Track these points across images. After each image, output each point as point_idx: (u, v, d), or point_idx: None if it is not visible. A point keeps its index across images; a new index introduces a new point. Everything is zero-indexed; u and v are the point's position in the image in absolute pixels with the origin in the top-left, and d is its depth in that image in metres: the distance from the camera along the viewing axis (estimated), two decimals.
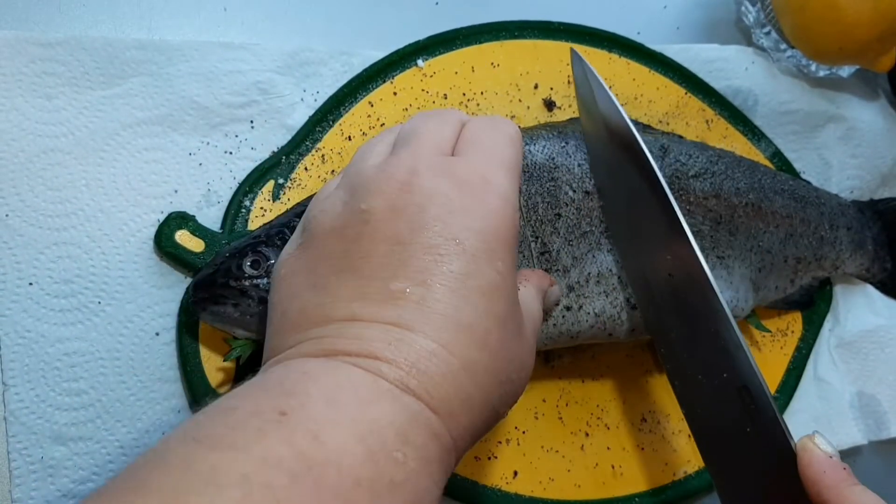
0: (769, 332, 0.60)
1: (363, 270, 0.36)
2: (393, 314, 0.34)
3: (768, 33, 0.67)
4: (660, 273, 0.47)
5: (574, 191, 0.50)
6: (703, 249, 0.52)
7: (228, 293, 0.44)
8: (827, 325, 0.64)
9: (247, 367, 0.47)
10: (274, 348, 0.37)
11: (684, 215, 0.52)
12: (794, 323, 0.63)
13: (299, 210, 0.47)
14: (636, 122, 0.55)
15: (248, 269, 0.44)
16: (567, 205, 0.49)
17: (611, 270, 0.49)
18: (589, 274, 0.49)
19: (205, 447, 0.29)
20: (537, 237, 0.48)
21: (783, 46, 0.66)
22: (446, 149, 0.40)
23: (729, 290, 0.53)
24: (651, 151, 0.52)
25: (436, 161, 0.39)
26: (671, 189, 0.52)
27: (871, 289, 0.67)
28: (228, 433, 0.29)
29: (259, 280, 0.44)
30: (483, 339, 0.35)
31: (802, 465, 0.39)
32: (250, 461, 0.28)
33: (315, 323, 0.36)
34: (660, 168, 0.52)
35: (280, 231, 0.46)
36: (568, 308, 0.49)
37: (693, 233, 0.52)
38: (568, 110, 0.58)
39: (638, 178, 0.47)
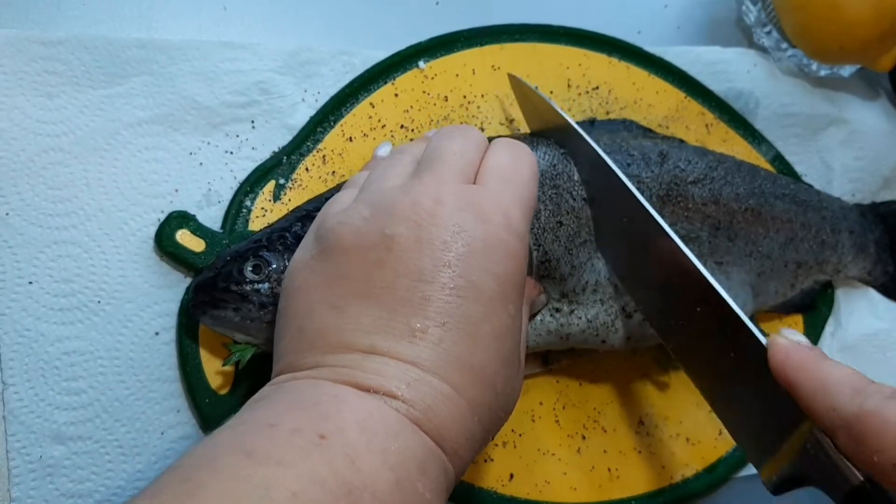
0: (767, 335, 0.60)
1: (385, 301, 0.37)
2: (412, 353, 0.36)
3: (769, 32, 0.67)
4: (649, 271, 0.47)
5: (574, 198, 0.50)
6: (700, 255, 0.52)
7: (229, 298, 0.44)
8: (828, 328, 0.64)
9: (247, 370, 0.47)
10: (291, 363, 0.38)
11: (682, 222, 0.52)
12: (795, 326, 0.63)
13: (300, 214, 0.47)
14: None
15: (249, 274, 0.44)
16: (568, 213, 0.49)
17: (608, 279, 0.49)
18: (586, 282, 0.49)
19: (253, 461, 0.30)
20: (539, 245, 0.48)
21: (784, 46, 0.66)
22: (470, 175, 0.41)
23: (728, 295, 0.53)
24: (650, 157, 0.53)
25: (460, 191, 0.39)
26: (670, 196, 0.52)
27: (872, 292, 0.66)
28: (274, 449, 0.31)
29: (260, 285, 0.44)
30: (491, 382, 0.37)
31: (769, 357, 0.38)
32: (298, 479, 0.30)
33: (334, 348, 0.37)
34: (658, 175, 0.52)
35: (281, 235, 0.46)
36: (558, 310, 0.49)
37: (691, 239, 0.52)
38: (568, 113, 0.58)
39: (604, 180, 0.48)
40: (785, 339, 0.38)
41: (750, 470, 0.58)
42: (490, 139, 0.45)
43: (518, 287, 0.39)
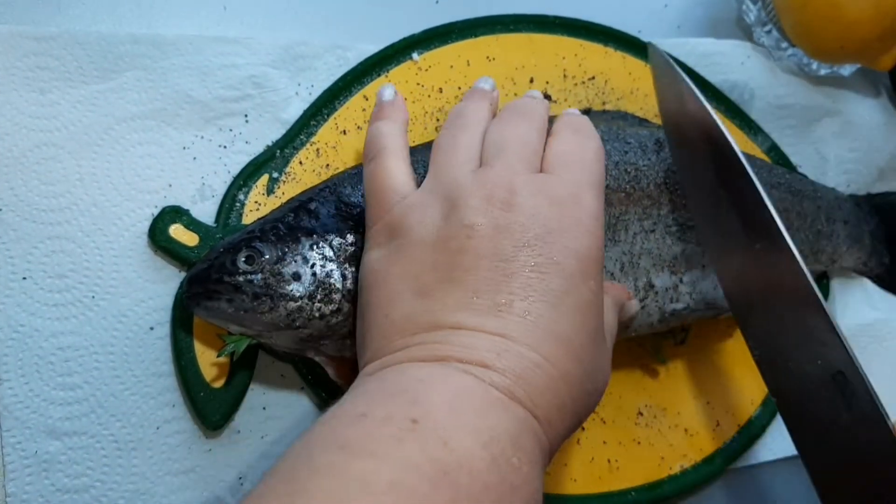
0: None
1: (468, 283, 0.38)
2: (499, 325, 0.37)
3: (769, 32, 0.67)
4: (748, 263, 0.48)
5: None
6: (697, 243, 0.52)
7: (222, 289, 0.44)
8: None
9: (242, 363, 0.47)
10: (379, 349, 0.39)
11: (679, 210, 0.52)
12: None
13: (294, 205, 0.47)
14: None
15: (242, 265, 0.44)
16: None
17: (621, 269, 0.50)
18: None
19: (348, 454, 0.31)
20: None
21: (784, 45, 0.66)
22: (536, 162, 0.42)
23: None
24: (646, 146, 0.53)
25: (531, 180, 0.41)
26: (667, 184, 0.52)
27: (868, 283, 0.67)
28: (367, 441, 0.31)
29: (253, 276, 0.44)
30: (578, 353, 0.38)
31: None
32: (395, 468, 0.30)
33: (423, 328, 0.38)
34: (655, 162, 0.52)
35: (275, 226, 0.45)
36: None
37: (688, 227, 0.52)
38: (563, 104, 0.58)
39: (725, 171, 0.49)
40: None
41: (748, 461, 0.58)
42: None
43: (598, 264, 0.40)
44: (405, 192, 0.43)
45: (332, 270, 0.44)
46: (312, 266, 0.44)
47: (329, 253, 0.45)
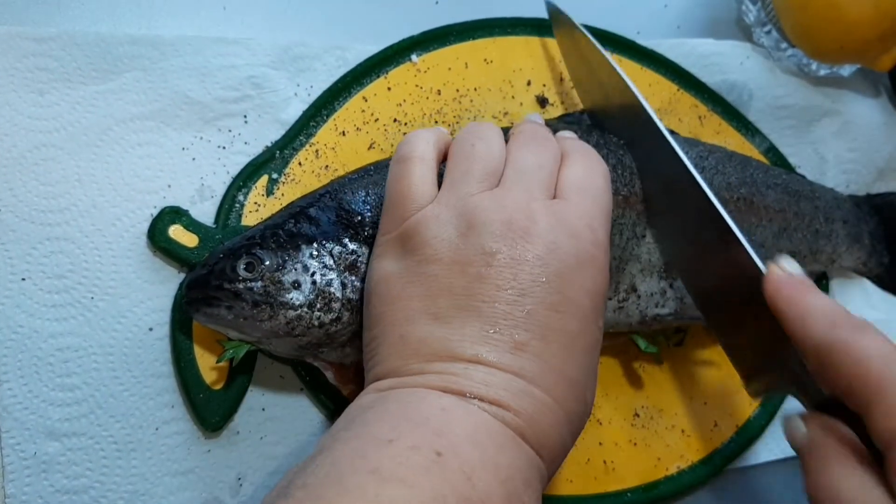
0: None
1: (486, 314, 0.38)
2: (516, 364, 0.37)
3: (769, 32, 0.67)
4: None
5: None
6: None
7: (222, 295, 0.43)
8: None
9: (241, 364, 0.47)
10: (393, 368, 0.39)
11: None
12: None
13: (294, 210, 0.47)
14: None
15: (242, 272, 0.44)
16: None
17: None
18: None
19: (379, 479, 0.32)
20: None
21: (784, 45, 0.66)
22: (551, 187, 0.43)
23: None
24: None
25: (549, 207, 0.41)
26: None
27: (867, 283, 0.67)
28: (396, 468, 0.32)
29: (253, 283, 0.43)
30: (582, 393, 0.40)
31: (763, 285, 0.42)
32: (423, 498, 0.31)
33: (439, 357, 0.38)
34: None
35: (275, 233, 0.45)
36: None
37: None
38: (560, 107, 0.58)
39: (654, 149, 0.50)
40: (780, 271, 0.42)
41: (745, 461, 0.58)
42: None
43: (605, 299, 0.42)
44: (424, 202, 0.42)
45: (332, 279, 0.44)
46: (313, 274, 0.44)
47: (329, 262, 0.45)
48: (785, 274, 0.41)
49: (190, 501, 0.46)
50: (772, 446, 0.59)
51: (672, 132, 0.51)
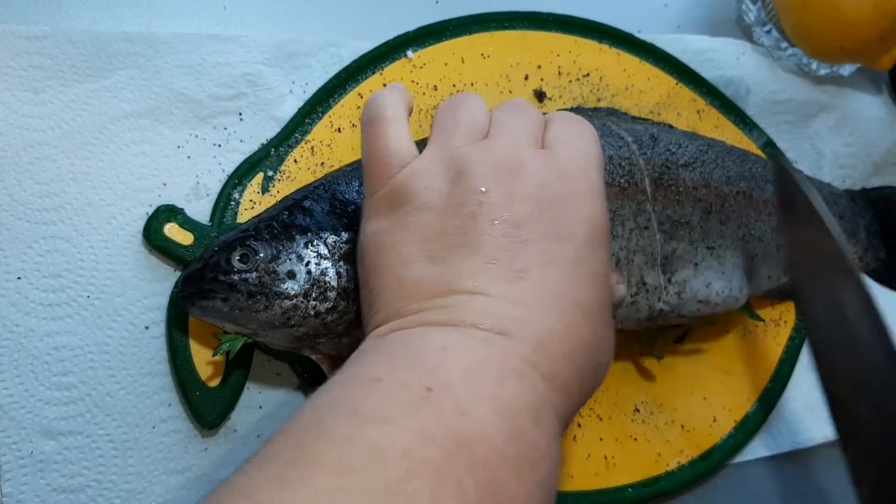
0: (763, 321, 0.60)
1: (483, 248, 0.37)
2: (517, 293, 0.36)
3: (769, 32, 0.67)
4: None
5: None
6: (692, 241, 0.52)
7: (217, 287, 0.43)
8: None
9: (237, 362, 0.47)
10: (391, 312, 0.38)
11: (674, 206, 0.52)
12: (787, 313, 0.63)
13: (288, 203, 0.47)
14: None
15: (236, 264, 0.44)
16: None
17: (616, 264, 0.49)
18: None
19: (361, 420, 0.30)
20: None
21: (784, 45, 0.66)
22: (538, 143, 0.42)
23: (721, 281, 0.53)
24: (641, 140, 0.53)
25: (537, 154, 0.40)
26: (662, 179, 0.52)
27: (864, 278, 0.66)
28: (381, 406, 0.31)
29: (248, 274, 0.43)
30: (593, 321, 0.38)
31: None
32: (408, 436, 0.30)
33: (437, 293, 0.37)
34: (650, 157, 0.52)
35: (269, 224, 0.45)
36: None
37: (683, 223, 0.52)
38: (558, 101, 0.58)
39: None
40: None
41: (744, 456, 0.58)
42: None
43: (606, 234, 0.40)
44: (407, 158, 0.41)
45: (327, 268, 0.44)
46: (307, 264, 0.44)
47: (324, 251, 0.44)
48: None
49: (187, 500, 0.46)
50: (770, 442, 0.59)
51: None
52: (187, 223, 0.48)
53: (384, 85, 0.55)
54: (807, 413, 0.61)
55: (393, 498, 0.28)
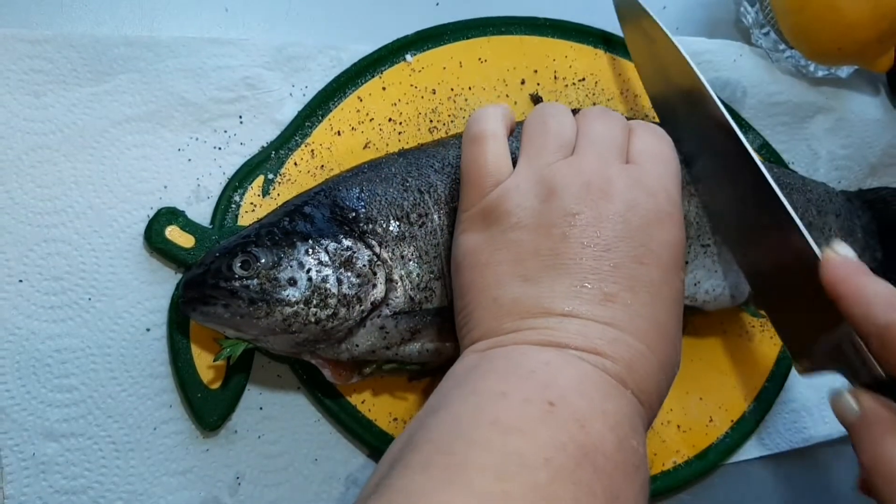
0: (763, 317, 0.60)
1: (574, 271, 0.40)
2: (608, 315, 0.39)
3: (767, 34, 0.67)
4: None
5: None
6: (687, 237, 0.52)
7: (218, 294, 0.44)
8: None
9: (238, 364, 0.47)
10: (488, 331, 0.40)
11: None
12: None
13: (288, 209, 0.47)
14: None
15: (238, 270, 0.44)
16: None
17: None
18: None
19: (501, 430, 0.33)
20: None
21: (782, 47, 0.66)
22: (623, 155, 0.45)
23: (714, 279, 0.53)
24: None
25: (624, 170, 0.43)
26: None
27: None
28: (515, 418, 0.34)
29: (249, 281, 0.44)
30: (672, 341, 0.41)
31: (820, 269, 0.42)
32: (545, 447, 0.33)
33: (532, 314, 0.39)
34: None
35: (270, 230, 0.46)
36: None
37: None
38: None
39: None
40: (835, 255, 0.43)
41: (741, 456, 0.58)
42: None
43: (684, 256, 0.43)
44: (502, 177, 0.44)
45: (327, 275, 0.44)
46: (308, 271, 0.44)
47: (325, 258, 0.45)
48: (841, 258, 0.42)
49: (188, 501, 0.47)
50: (766, 442, 0.60)
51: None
52: (188, 226, 0.49)
53: (383, 89, 0.55)
54: (803, 413, 0.61)
55: (546, 501, 0.31)
